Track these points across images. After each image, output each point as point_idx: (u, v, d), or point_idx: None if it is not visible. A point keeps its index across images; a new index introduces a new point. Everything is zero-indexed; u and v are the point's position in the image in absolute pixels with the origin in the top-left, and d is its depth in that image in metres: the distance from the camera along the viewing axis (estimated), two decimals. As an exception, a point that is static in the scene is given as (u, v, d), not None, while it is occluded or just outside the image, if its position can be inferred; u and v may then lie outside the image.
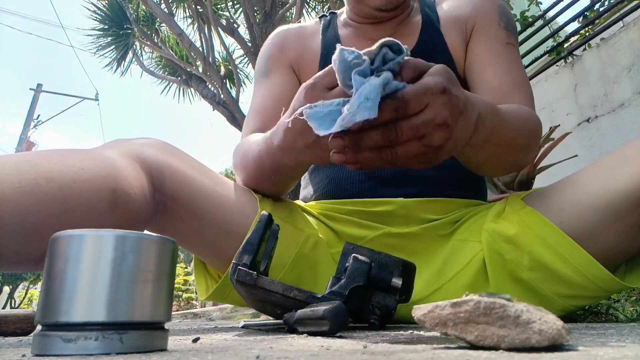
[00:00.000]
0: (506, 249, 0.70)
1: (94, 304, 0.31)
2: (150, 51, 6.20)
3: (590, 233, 0.65)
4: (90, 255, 0.31)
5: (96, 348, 0.30)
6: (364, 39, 0.92)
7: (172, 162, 0.69)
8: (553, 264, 0.66)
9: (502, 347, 0.27)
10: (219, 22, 4.81)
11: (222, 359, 0.27)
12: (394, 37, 0.93)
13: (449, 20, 0.90)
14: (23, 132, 13.37)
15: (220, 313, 5.01)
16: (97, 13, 5.97)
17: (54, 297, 0.31)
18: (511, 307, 0.27)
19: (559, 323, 0.27)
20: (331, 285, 0.56)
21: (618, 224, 0.63)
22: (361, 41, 0.92)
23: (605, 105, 2.60)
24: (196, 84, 5.39)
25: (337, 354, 0.27)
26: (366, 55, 0.46)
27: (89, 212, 0.56)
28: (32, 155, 0.57)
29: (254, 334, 0.52)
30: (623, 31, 2.57)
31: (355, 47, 0.92)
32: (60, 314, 0.31)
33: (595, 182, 0.65)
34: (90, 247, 0.32)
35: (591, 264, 0.64)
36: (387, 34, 0.90)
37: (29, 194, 0.52)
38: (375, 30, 0.91)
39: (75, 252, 0.32)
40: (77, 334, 0.30)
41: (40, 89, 14.08)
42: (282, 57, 0.94)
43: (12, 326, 0.76)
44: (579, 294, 0.67)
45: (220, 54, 5.86)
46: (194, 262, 0.83)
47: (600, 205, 0.64)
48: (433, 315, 0.30)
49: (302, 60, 0.94)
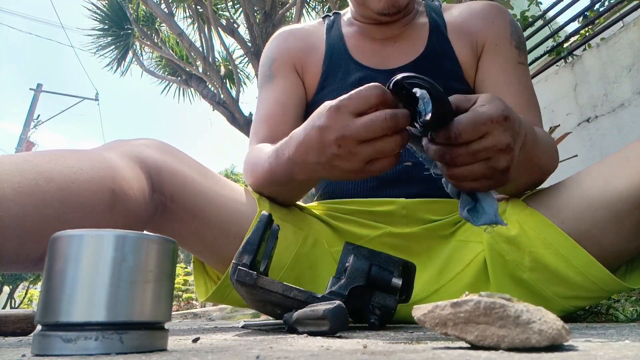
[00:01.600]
0: (507, 249, 0.70)
1: (94, 304, 0.31)
2: (150, 51, 6.21)
3: (590, 234, 0.65)
4: (90, 255, 0.31)
5: (96, 348, 0.30)
6: (369, 38, 0.91)
7: (171, 162, 0.68)
8: (554, 264, 0.66)
9: (502, 347, 0.27)
10: (219, 22, 4.81)
11: (222, 359, 0.27)
12: (399, 38, 0.93)
13: (457, 29, 0.89)
14: (23, 132, 13.37)
15: (220, 313, 5.01)
16: (97, 13, 5.97)
17: (54, 297, 0.31)
18: (511, 307, 0.27)
19: (559, 323, 0.27)
20: (331, 285, 0.56)
21: (618, 225, 0.63)
22: (366, 40, 0.91)
23: (605, 105, 2.60)
24: (196, 84, 5.39)
25: (337, 354, 0.27)
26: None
27: (88, 213, 0.56)
28: (32, 156, 0.57)
29: (254, 334, 0.52)
30: (623, 31, 2.57)
31: (360, 46, 0.91)
32: (61, 314, 0.30)
33: (595, 183, 0.65)
34: (90, 247, 0.32)
35: (592, 264, 0.64)
36: (392, 35, 0.90)
37: (29, 194, 0.52)
38: (380, 31, 0.91)
39: (75, 252, 0.31)
40: (77, 334, 0.30)
41: (40, 89, 14.08)
42: (285, 60, 0.93)
43: (12, 326, 0.76)
44: (580, 294, 0.67)
45: (220, 54, 5.86)
46: (193, 263, 0.83)
47: (600, 206, 0.64)
48: (433, 315, 0.30)
49: (306, 61, 0.93)
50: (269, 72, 0.94)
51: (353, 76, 0.87)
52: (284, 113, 0.88)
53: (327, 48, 0.93)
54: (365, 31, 0.92)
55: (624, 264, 0.70)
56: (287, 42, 0.95)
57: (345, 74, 0.88)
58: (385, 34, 0.91)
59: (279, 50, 0.95)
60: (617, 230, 0.63)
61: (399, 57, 0.88)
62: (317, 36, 0.96)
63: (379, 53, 0.90)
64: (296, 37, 0.96)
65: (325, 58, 0.92)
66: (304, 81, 0.93)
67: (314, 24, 1.00)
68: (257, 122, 0.91)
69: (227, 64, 5.76)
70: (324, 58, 0.92)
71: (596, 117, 2.66)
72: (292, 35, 0.96)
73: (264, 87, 0.94)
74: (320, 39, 0.95)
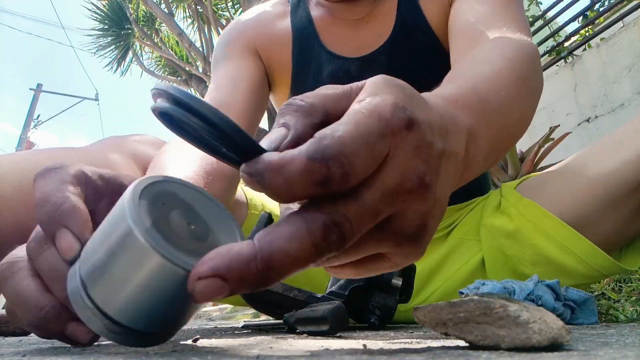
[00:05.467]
0: (507, 244, 0.69)
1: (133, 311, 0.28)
2: (150, 51, 6.21)
3: (588, 221, 0.64)
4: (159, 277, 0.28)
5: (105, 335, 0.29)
6: (339, 19, 0.82)
7: None
8: (557, 256, 0.66)
9: (502, 347, 0.27)
10: (219, 22, 4.81)
11: (222, 359, 0.27)
12: (369, 18, 0.81)
13: None
14: (23, 132, 13.37)
15: (220, 313, 5.00)
16: (97, 13, 5.98)
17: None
18: (511, 307, 0.27)
19: (559, 323, 0.27)
20: (331, 285, 0.56)
21: (616, 210, 0.63)
22: (336, 22, 0.82)
23: (605, 105, 2.60)
24: (196, 84, 5.39)
25: (337, 354, 0.27)
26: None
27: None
28: (31, 154, 0.57)
29: (254, 334, 0.52)
30: (623, 31, 2.57)
31: (331, 31, 0.80)
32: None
33: (591, 169, 0.65)
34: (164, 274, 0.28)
35: (595, 252, 0.64)
36: (363, 14, 0.80)
37: (30, 193, 0.52)
38: (350, 10, 0.81)
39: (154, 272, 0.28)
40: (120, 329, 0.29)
41: (40, 89, 14.09)
42: (242, 42, 0.82)
43: (12, 326, 0.76)
44: (580, 282, 0.67)
45: (220, 54, 5.86)
46: None
47: (597, 193, 0.63)
48: (433, 315, 0.30)
49: (269, 45, 0.83)
50: (222, 53, 0.83)
51: (326, 69, 0.80)
52: (234, 85, 0.76)
53: (295, 33, 0.83)
54: (335, 12, 0.82)
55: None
56: (245, 26, 0.85)
57: (318, 67, 0.81)
58: (357, 13, 0.81)
59: (235, 34, 0.84)
60: (614, 216, 0.63)
61: (372, 40, 0.79)
62: (281, 18, 0.86)
63: (352, 38, 0.81)
64: (255, 21, 0.86)
65: (294, 45, 0.83)
66: (272, 68, 0.84)
67: (275, 4, 0.89)
68: (205, 98, 0.78)
69: (227, 64, 5.76)
70: (293, 45, 0.83)
71: (596, 117, 2.66)
72: (251, 20, 0.86)
73: (215, 69, 0.82)
74: (284, 20, 0.85)
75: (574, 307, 0.57)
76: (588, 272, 0.65)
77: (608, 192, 0.62)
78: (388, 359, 0.25)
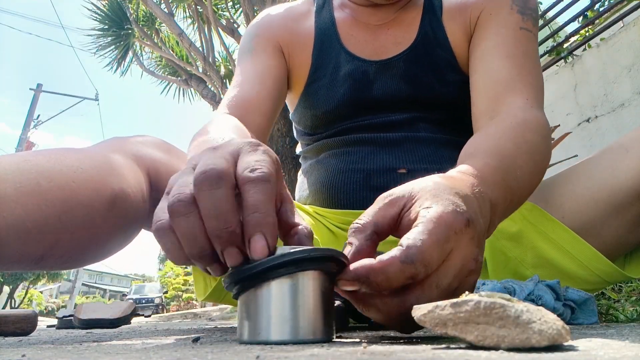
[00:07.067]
0: (509, 246, 0.70)
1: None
2: (150, 51, 6.21)
3: (591, 227, 0.65)
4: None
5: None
6: (362, 24, 0.85)
7: (169, 160, 0.68)
8: (558, 259, 0.66)
9: (502, 347, 0.27)
10: (219, 22, 4.81)
11: (222, 359, 0.27)
12: (391, 24, 0.86)
13: (454, 9, 0.81)
14: (23, 132, 13.37)
15: (220, 313, 5.00)
16: (97, 13, 5.98)
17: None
18: (511, 307, 0.27)
19: (559, 323, 0.27)
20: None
21: (619, 217, 0.63)
22: (357, 25, 0.85)
23: (605, 105, 2.60)
24: (196, 84, 5.40)
25: (337, 354, 0.27)
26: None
27: (89, 211, 0.56)
28: (32, 155, 0.57)
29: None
30: (623, 31, 2.57)
31: (352, 34, 0.85)
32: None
33: (595, 175, 0.65)
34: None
35: (596, 257, 0.64)
36: (387, 20, 0.84)
37: (30, 193, 0.52)
38: (374, 15, 0.84)
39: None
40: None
41: (40, 89, 14.08)
42: (269, 37, 0.86)
43: (12, 326, 0.77)
44: (581, 287, 0.67)
45: (220, 54, 5.86)
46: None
47: (601, 199, 0.64)
48: (433, 315, 0.30)
49: (293, 43, 0.86)
50: (249, 45, 0.87)
51: (344, 68, 0.82)
52: (260, 82, 0.81)
53: (317, 33, 0.86)
54: (358, 15, 0.85)
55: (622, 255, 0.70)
56: (272, 21, 0.88)
57: (336, 66, 0.83)
58: (380, 19, 0.84)
59: (263, 29, 0.88)
60: (618, 222, 0.63)
61: (389, 46, 0.82)
62: (306, 17, 0.89)
63: (372, 42, 0.83)
64: (282, 17, 0.89)
65: (315, 45, 0.85)
66: (292, 65, 0.87)
67: (302, 3, 0.92)
68: (230, 88, 0.83)
69: (227, 64, 5.76)
70: (314, 44, 0.85)
71: (596, 117, 2.66)
72: (278, 16, 0.89)
73: (241, 59, 0.86)
74: (309, 20, 0.88)
75: (574, 307, 0.57)
76: (589, 276, 0.65)
77: (612, 199, 0.62)
78: (388, 359, 0.25)
